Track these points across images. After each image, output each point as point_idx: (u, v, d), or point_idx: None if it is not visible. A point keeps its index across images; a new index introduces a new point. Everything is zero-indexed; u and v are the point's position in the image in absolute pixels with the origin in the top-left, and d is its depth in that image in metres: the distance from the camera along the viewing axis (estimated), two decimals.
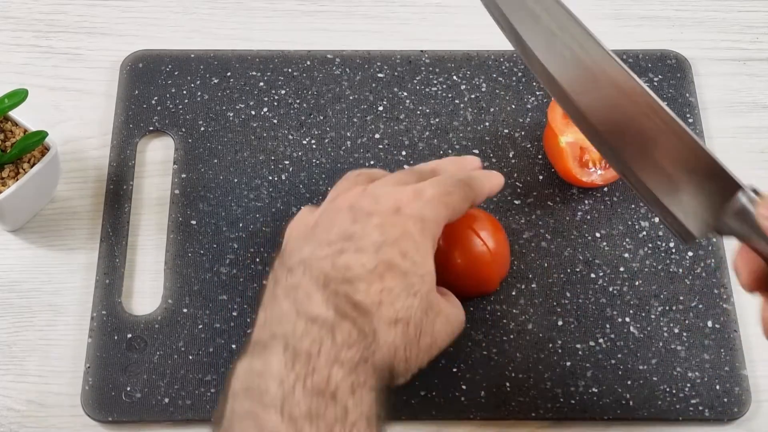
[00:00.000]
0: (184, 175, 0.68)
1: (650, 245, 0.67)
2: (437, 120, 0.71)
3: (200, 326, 0.63)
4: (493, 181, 0.58)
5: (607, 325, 0.64)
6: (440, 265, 0.56)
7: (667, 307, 0.64)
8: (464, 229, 0.61)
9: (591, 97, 0.49)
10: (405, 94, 0.72)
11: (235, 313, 0.64)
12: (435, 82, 0.73)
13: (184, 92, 0.72)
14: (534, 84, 0.73)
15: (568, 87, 0.50)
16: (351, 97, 0.72)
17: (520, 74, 0.73)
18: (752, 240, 0.46)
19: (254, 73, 0.73)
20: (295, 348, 0.47)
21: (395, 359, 0.50)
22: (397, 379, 0.51)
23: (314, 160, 0.69)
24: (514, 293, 0.65)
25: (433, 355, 0.53)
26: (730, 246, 0.67)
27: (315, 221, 0.54)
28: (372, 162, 0.69)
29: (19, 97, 0.63)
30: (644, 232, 0.67)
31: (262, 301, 0.52)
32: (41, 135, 0.63)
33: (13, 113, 0.64)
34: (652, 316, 0.64)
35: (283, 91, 0.72)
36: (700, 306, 0.64)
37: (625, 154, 0.49)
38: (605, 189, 0.69)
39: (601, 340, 0.63)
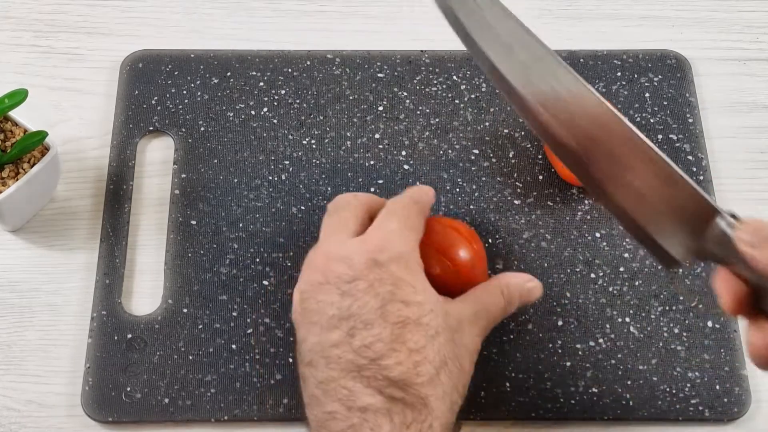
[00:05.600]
0: (184, 175, 0.68)
1: None
2: (437, 120, 0.71)
3: (200, 326, 0.63)
4: (426, 190, 0.59)
5: (607, 325, 0.64)
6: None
7: (667, 307, 0.64)
8: (441, 241, 0.59)
9: (569, 128, 0.49)
10: (405, 94, 0.72)
11: (235, 314, 0.64)
12: (435, 82, 0.73)
13: (184, 92, 0.72)
14: None
15: (548, 120, 0.50)
16: (351, 97, 0.72)
17: None
18: (733, 265, 0.47)
19: (254, 73, 0.73)
20: None
21: (452, 403, 0.50)
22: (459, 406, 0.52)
23: (314, 160, 0.69)
24: None
25: (477, 352, 0.54)
26: None
27: (299, 302, 0.53)
28: (372, 162, 0.69)
29: (19, 97, 0.63)
30: None
31: (304, 400, 0.52)
32: (41, 135, 0.63)
33: (13, 113, 0.64)
34: (652, 316, 0.64)
35: (283, 91, 0.72)
36: (700, 306, 0.64)
37: (606, 184, 0.49)
38: None
39: (601, 340, 0.63)
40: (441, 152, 0.70)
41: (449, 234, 0.59)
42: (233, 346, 0.62)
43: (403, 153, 0.70)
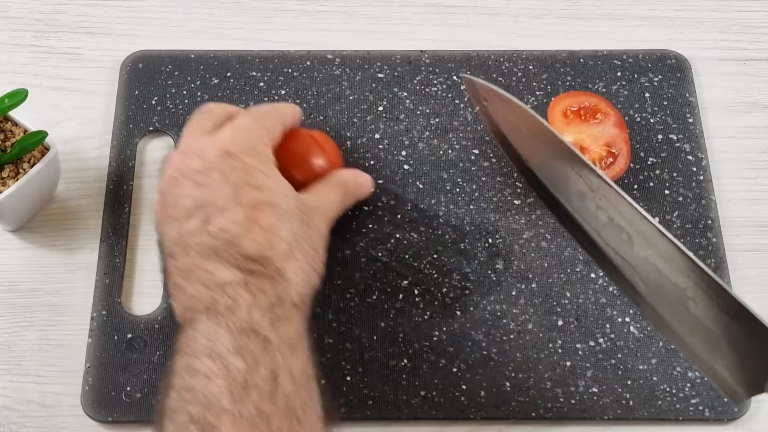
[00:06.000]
0: None
1: None
2: (437, 120, 0.71)
3: None
4: (291, 106, 0.63)
5: (607, 325, 0.64)
6: None
7: None
8: (301, 148, 0.63)
9: (635, 267, 0.50)
10: (405, 94, 0.72)
11: None
12: (435, 82, 0.73)
13: (184, 92, 0.72)
14: (534, 84, 0.73)
15: (608, 250, 0.51)
16: (351, 97, 0.72)
17: (520, 74, 0.73)
18: None
19: (254, 73, 0.73)
20: (216, 310, 0.50)
21: (308, 278, 0.54)
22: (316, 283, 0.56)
23: None
24: (514, 293, 0.65)
25: (326, 237, 0.58)
26: (731, 245, 0.67)
27: (159, 201, 0.55)
28: (372, 162, 0.69)
29: (19, 97, 0.63)
30: None
31: (169, 291, 0.54)
32: (41, 135, 0.63)
33: (13, 113, 0.64)
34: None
35: (283, 91, 0.72)
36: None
37: (668, 315, 0.49)
38: None
39: (601, 340, 0.63)
40: (441, 152, 0.70)
41: (308, 142, 0.63)
42: None
43: (403, 153, 0.70)
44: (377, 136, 0.70)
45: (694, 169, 0.69)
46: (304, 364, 0.51)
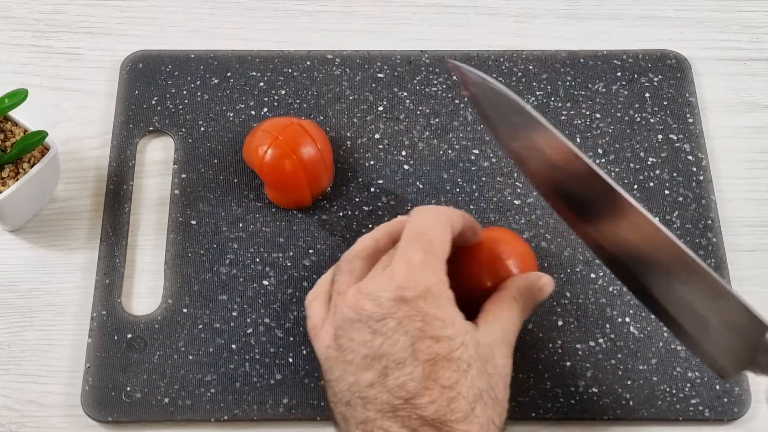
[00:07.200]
0: (184, 175, 0.69)
1: None
2: (437, 120, 0.71)
3: (200, 326, 0.63)
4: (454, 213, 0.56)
5: (607, 325, 0.64)
6: None
7: None
8: None
9: (617, 243, 0.54)
10: (405, 94, 0.72)
11: (234, 313, 0.64)
12: (435, 82, 0.73)
13: (184, 92, 0.72)
14: (534, 84, 0.73)
15: (596, 235, 0.54)
16: (351, 97, 0.72)
17: (520, 74, 0.73)
18: None
19: (254, 73, 0.73)
20: None
21: None
22: None
23: None
24: None
25: (509, 373, 0.54)
26: (731, 245, 0.67)
27: (333, 338, 0.52)
28: (372, 162, 0.69)
29: (19, 97, 0.63)
30: None
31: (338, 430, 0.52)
32: (41, 135, 0.63)
33: (13, 113, 0.64)
34: (652, 316, 0.64)
35: (283, 91, 0.72)
36: None
37: (657, 295, 0.52)
38: None
39: (601, 340, 0.63)
40: (441, 152, 0.70)
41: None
42: (233, 346, 0.62)
43: (403, 153, 0.70)
44: (377, 136, 0.70)
45: (694, 169, 0.69)
46: None
